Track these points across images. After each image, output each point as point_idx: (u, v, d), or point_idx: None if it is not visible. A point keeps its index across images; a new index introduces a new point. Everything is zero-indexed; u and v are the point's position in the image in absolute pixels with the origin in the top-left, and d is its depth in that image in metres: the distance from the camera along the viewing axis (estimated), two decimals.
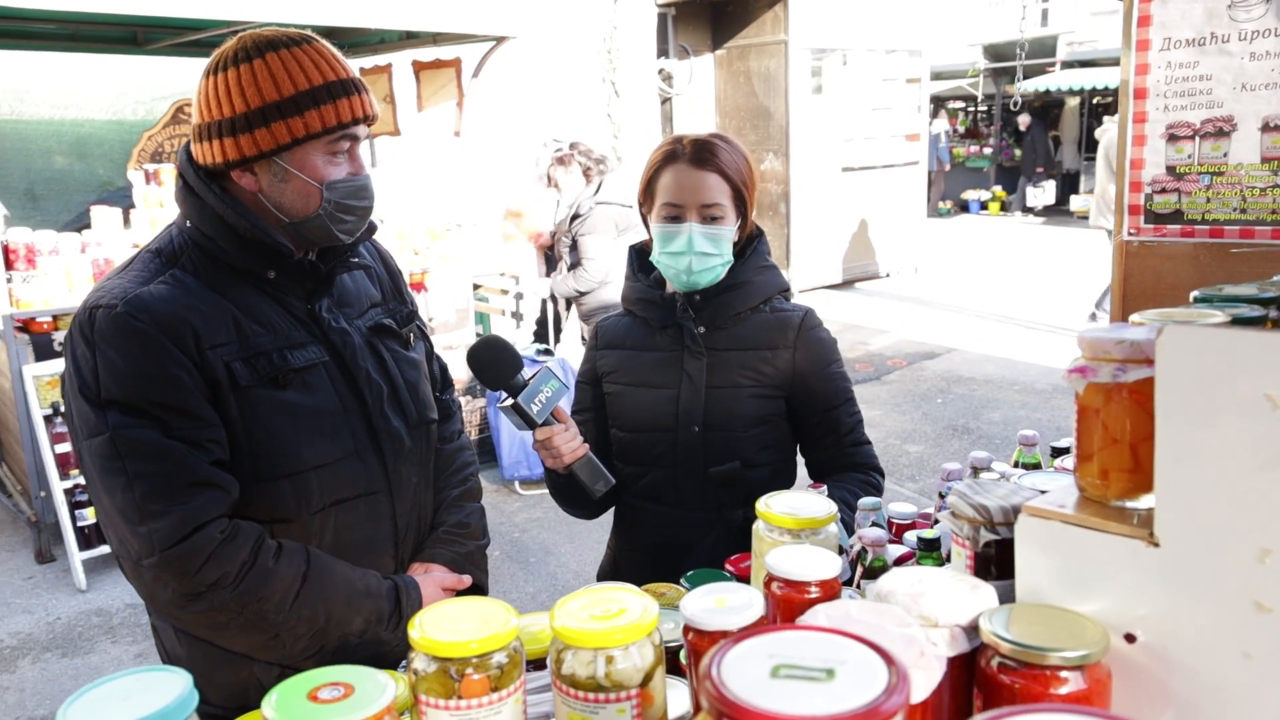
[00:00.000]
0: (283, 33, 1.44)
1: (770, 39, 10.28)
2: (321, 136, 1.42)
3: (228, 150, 1.42)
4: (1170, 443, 0.84)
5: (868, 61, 10.95)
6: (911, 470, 5.71)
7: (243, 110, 1.40)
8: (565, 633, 0.96)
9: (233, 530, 1.39)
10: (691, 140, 1.87)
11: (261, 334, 1.45)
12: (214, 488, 1.38)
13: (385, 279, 1.73)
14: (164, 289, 1.40)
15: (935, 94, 18.43)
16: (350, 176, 1.48)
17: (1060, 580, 0.94)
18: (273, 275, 1.48)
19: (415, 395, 1.64)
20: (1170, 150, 1.81)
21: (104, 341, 1.35)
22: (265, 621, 1.40)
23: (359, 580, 1.50)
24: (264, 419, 1.43)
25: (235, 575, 1.37)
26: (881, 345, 8.64)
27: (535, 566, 4.65)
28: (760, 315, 1.91)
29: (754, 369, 1.88)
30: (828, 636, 0.69)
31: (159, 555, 1.33)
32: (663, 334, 1.94)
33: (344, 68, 1.46)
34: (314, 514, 1.49)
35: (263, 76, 1.39)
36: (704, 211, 1.82)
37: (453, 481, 1.76)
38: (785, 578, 1.12)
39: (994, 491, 1.08)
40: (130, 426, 1.34)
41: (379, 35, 6.56)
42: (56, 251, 5.05)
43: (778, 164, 10.47)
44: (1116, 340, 0.90)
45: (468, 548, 1.72)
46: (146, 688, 0.88)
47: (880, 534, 1.51)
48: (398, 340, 1.66)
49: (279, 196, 1.46)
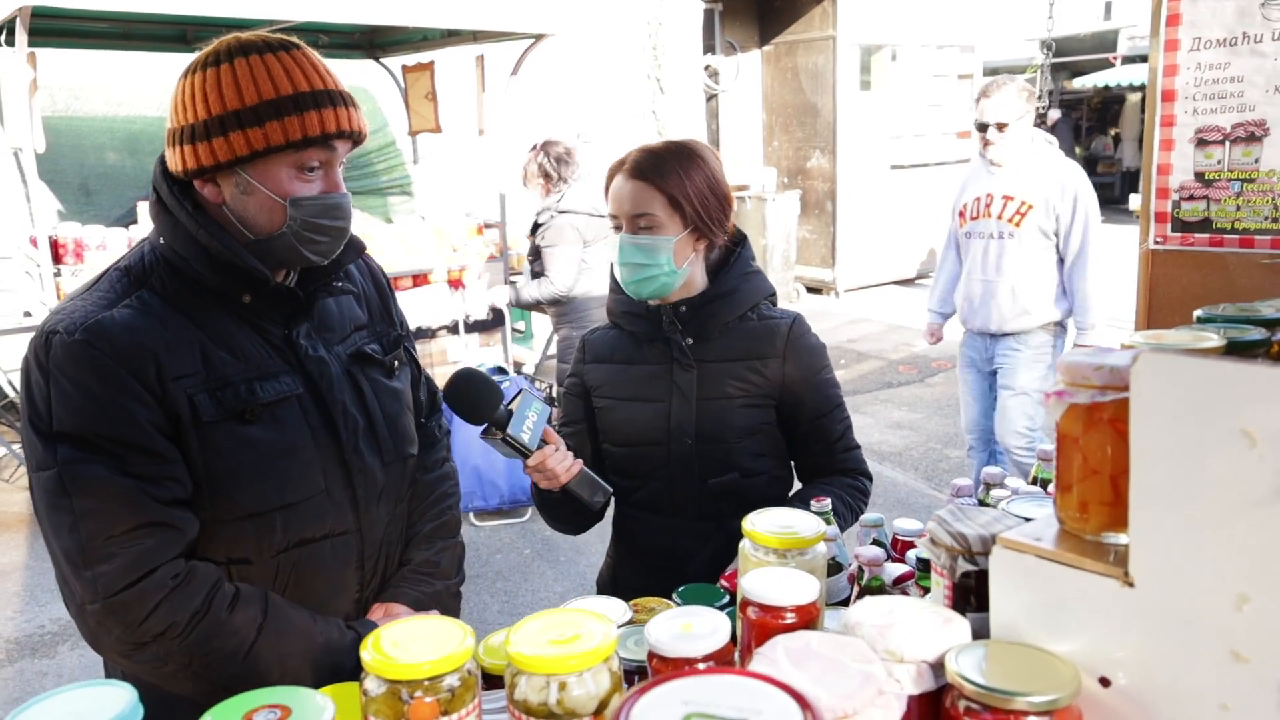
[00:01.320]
0: (262, 37, 1.35)
1: (818, 34, 10.15)
2: (285, 150, 1.32)
3: (187, 158, 1.33)
4: (1145, 478, 0.79)
5: (918, 57, 10.75)
6: (951, 476, 5.59)
7: (204, 117, 1.31)
8: (518, 658, 0.93)
9: (187, 574, 1.29)
10: (640, 150, 1.85)
11: (230, 363, 1.36)
12: (168, 528, 1.28)
13: (374, 299, 1.64)
14: (128, 314, 1.30)
15: None
16: (321, 194, 1.38)
17: (1035, 617, 0.89)
18: (248, 300, 1.38)
19: (394, 429, 1.55)
20: (1199, 155, 1.73)
21: (59, 370, 1.26)
22: (215, 673, 1.31)
23: (319, 633, 1.40)
24: (227, 456, 1.33)
25: (185, 626, 1.28)
26: (926, 347, 8.47)
27: (565, 565, 4.65)
28: (748, 324, 1.89)
29: (743, 379, 1.86)
30: (750, 683, 0.66)
31: (102, 602, 1.24)
32: (650, 347, 1.91)
33: (322, 79, 1.36)
34: (276, 554, 1.40)
35: (227, 82, 1.30)
36: (634, 222, 1.81)
37: (428, 515, 1.67)
38: (760, 602, 1.08)
39: (975, 519, 1.03)
40: (80, 461, 1.24)
41: (421, 33, 6.61)
42: (104, 246, 5.17)
43: (824, 161, 10.35)
44: (1095, 365, 0.85)
45: (434, 588, 1.61)
46: (91, 702, 0.87)
47: (878, 553, 1.47)
48: (380, 369, 1.56)
49: (242, 210, 1.36)
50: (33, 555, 4.80)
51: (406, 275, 5.62)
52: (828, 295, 10.61)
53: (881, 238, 10.72)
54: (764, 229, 9.70)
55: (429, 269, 5.69)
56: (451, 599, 1.67)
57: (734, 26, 10.61)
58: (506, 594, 4.36)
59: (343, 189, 1.42)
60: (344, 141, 1.40)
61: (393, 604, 1.57)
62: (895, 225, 10.81)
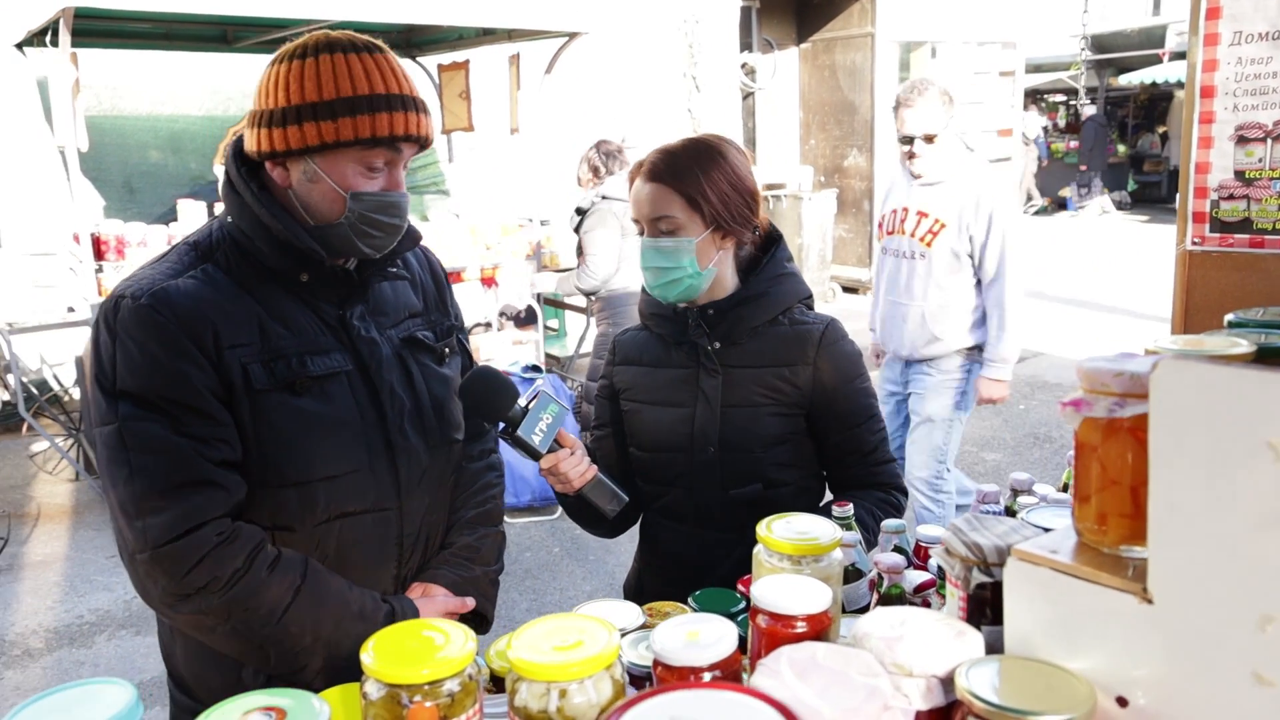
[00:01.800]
0: (350, 37, 1.42)
1: (857, 31, 10.05)
2: (354, 146, 1.39)
3: (263, 140, 1.41)
4: (1164, 490, 0.75)
5: (959, 54, 10.61)
6: (988, 478, 5.51)
7: (284, 105, 1.38)
8: (518, 664, 0.92)
9: (231, 533, 1.36)
10: (657, 151, 1.81)
11: (285, 337, 1.43)
12: (216, 487, 1.36)
13: (430, 289, 1.70)
14: (191, 284, 1.39)
15: (1032, 87, 17.81)
16: (382, 191, 1.44)
17: (1050, 632, 0.86)
18: (305, 279, 1.46)
19: (440, 413, 1.60)
20: (1239, 153, 1.67)
21: (124, 332, 1.35)
22: (251, 631, 1.37)
23: (354, 601, 1.45)
24: (276, 424, 1.41)
25: (226, 581, 1.34)
26: None
27: (594, 565, 4.64)
28: (778, 328, 1.83)
29: (772, 387, 1.80)
30: (743, 699, 0.63)
31: (150, 551, 1.32)
32: (678, 350, 1.87)
33: (399, 83, 1.42)
34: (318, 525, 1.46)
35: (309, 76, 1.38)
36: (655, 225, 1.77)
37: (471, 502, 1.70)
38: (770, 610, 1.06)
39: (992, 528, 1.00)
40: (139, 419, 1.33)
41: (457, 32, 6.64)
42: (144, 243, 5.26)
43: (861, 160, 10.25)
44: (1115, 372, 0.82)
45: (473, 573, 1.65)
46: (91, 700, 0.87)
47: (898, 560, 1.43)
48: (431, 355, 1.62)
49: (305, 196, 1.44)
50: (73, 547, 4.90)
51: None
52: (864, 295, 10.50)
53: None
54: (800, 228, 9.63)
55: (463, 267, 5.71)
56: (489, 585, 1.69)
57: (771, 24, 10.54)
58: (535, 592, 4.36)
59: (403, 189, 1.49)
60: (410, 145, 1.45)
61: (431, 584, 1.61)
62: None
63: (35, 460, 6.00)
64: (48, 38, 4.82)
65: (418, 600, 1.55)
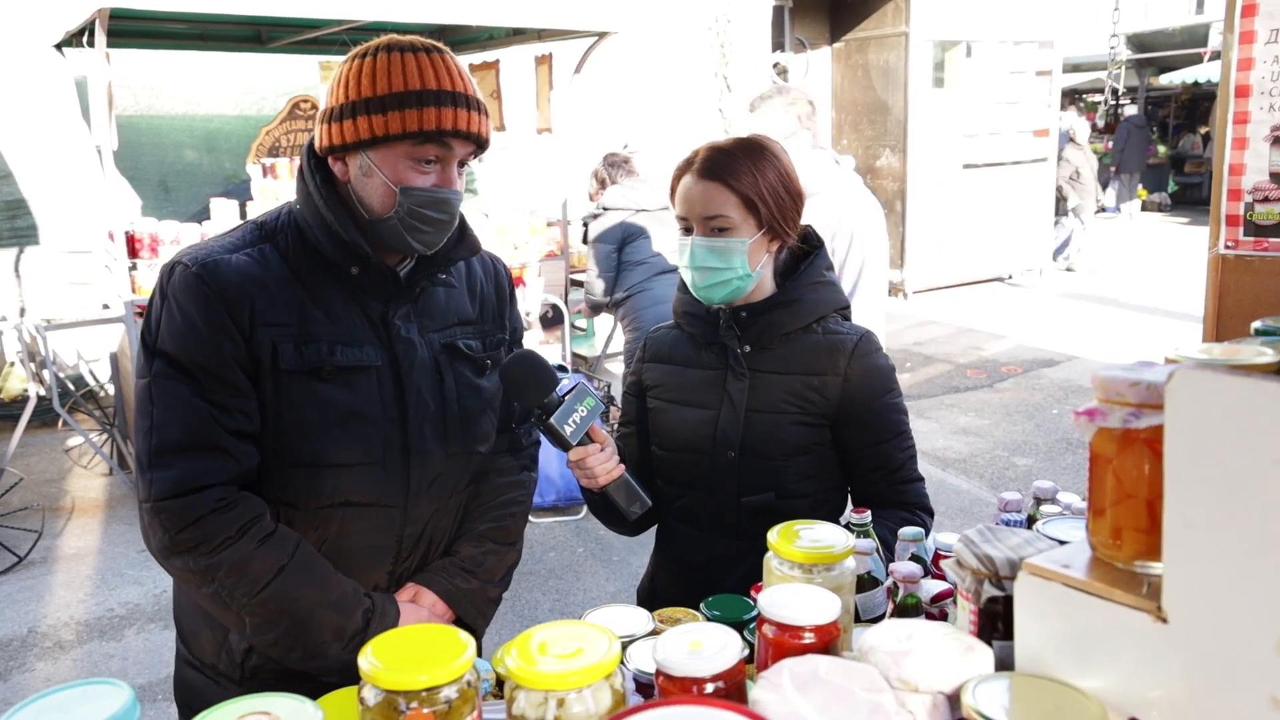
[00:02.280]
0: (413, 40, 1.46)
1: (891, 31, 9.96)
2: (404, 140, 1.42)
3: (324, 135, 1.46)
4: (1180, 505, 0.72)
5: (994, 53, 10.47)
6: (1018, 485, 5.43)
7: (343, 101, 1.43)
8: (516, 672, 0.90)
9: (231, 501, 1.41)
10: (708, 148, 1.78)
11: (323, 323, 1.47)
12: (225, 454, 1.41)
13: (491, 299, 1.70)
14: (245, 260, 1.44)
15: (1071, 87, 17.55)
16: (433, 188, 1.46)
17: (1062, 650, 0.83)
18: (355, 272, 1.49)
19: (465, 422, 1.60)
20: (1275, 155, 1.62)
21: (173, 295, 1.42)
22: (231, 598, 1.41)
23: (335, 590, 1.47)
24: (297, 406, 1.45)
25: (214, 546, 1.38)
26: (997, 351, 8.27)
27: (618, 566, 4.63)
28: (811, 336, 1.79)
29: (799, 395, 1.77)
30: (727, 716, 0.61)
31: (153, 503, 1.38)
32: (708, 351, 1.84)
33: (453, 81, 1.44)
34: (320, 508, 1.49)
35: (368, 73, 1.42)
36: (708, 224, 1.74)
37: (488, 515, 1.69)
38: (777, 620, 1.04)
39: (1005, 540, 0.97)
40: (168, 377, 1.40)
41: (488, 32, 6.65)
42: (178, 241, 5.32)
43: (894, 160, 10.15)
44: (1131, 381, 0.79)
45: (469, 585, 1.63)
46: (88, 701, 0.87)
47: (914, 569, 1.40)
48: (471, 365, 1.63)
49: (361, 190, 1.47)
50: (106, 540, 4.97)
51: None
52: (895, 296, 10.41)
53: (953, 238, 10.47)
54: None
55: None
56: (486, 603, 1.67)
57: (804, 23, 10.47)
58: (559, 592, 4.36)
59: (455, 186, 1.50)
60: (463, 142, 1.46)
61: (421, 588, 1.61)
62: (967, 226, 10.54)
63: (70, 455, 6.09)
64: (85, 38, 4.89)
65: (405, 604, 1.56)
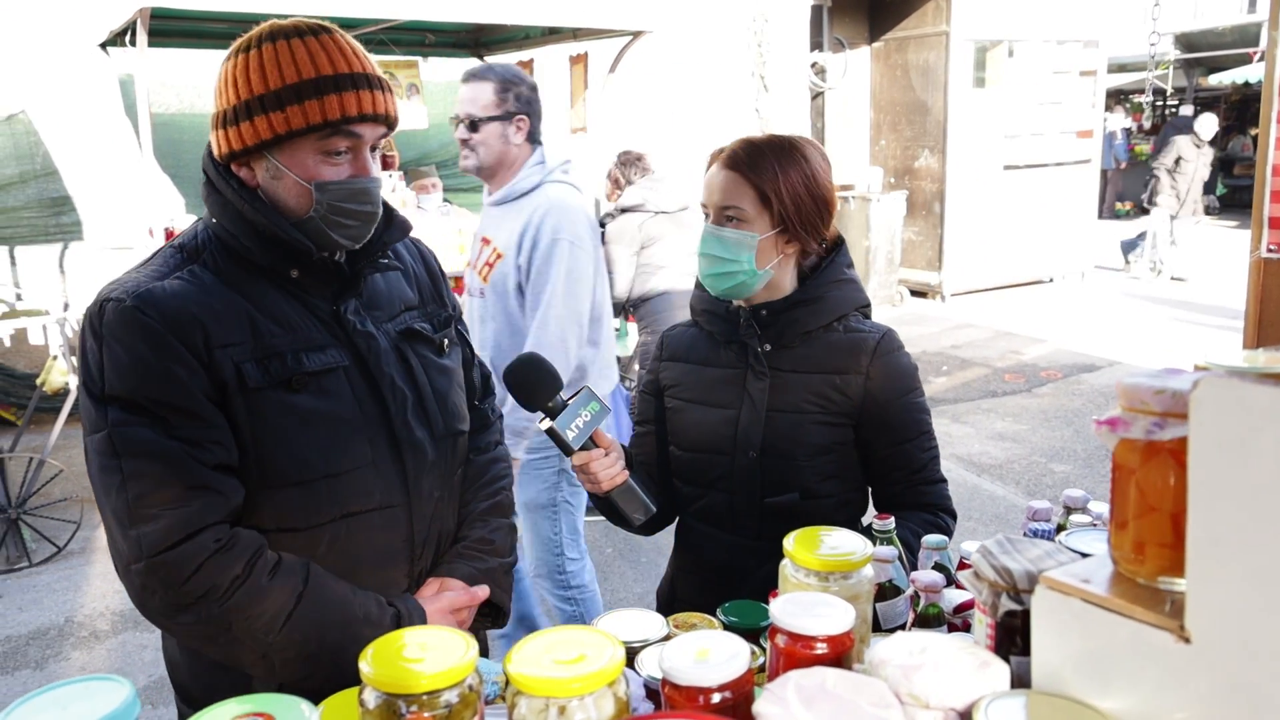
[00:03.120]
0: (296, 23, 1.36)
1: (931, 30, 9.84)
2: (308, 133, 1.33)
3: (222, 142, 1.36)
4: (1204, 519, 0.69)
5: (1037, 53, 10.30)
6: (1055, 492, 5.33)
7: (234, 102, 1.33)
8: (517, 678, 0.89)
9: (229, 540, 1.31)
10: (741, 140, 1.76)
11: (278, 334, 1.38)
12: (212, 492, 1.31)
13: (425, 280, 1.66)
14: (178, 285, 1.34)
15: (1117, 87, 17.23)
16: (348, 179, 1.39)
17: (1081, 668, 0.80)
18: (295, 274, 1.41)
19: (443, 404, 1.56)
20: None
21: (110, 335, 1.30)
22: (254, 640, 1.32)
23: (358, 606, 1.40)
24: (273, 423, 1.36)
25: (225, 589, 1.29)
26: (1036, 355, 8.13)
27: (646, 566, 4.61)
28: (833, 335, 1.77)
29: (820, 394, 1.74)
30: None
31: (146, 561, 1.27)
32: (727, 349, 1.82)
33: (349, 62, 1.35)
34: (323, 525, 1.41)
35: (255, 67, 1.32)
36: (722, 213, 1.73)
37: (481, 495, 1.66)
38: (789, 629, 1.01)
39: (1025, 552, 0.94)
40: (129, 424, 1.28)
41: (523, 31, 6.66)
42: None
43: (933, 161, 10.03)
44: (1156, 389, 0.75)
45: (489, 564, 1.60)
46: (88, 696, 0.87)
47: (936, 578, 1.37)
48: (430, 346, 1.57)
49: (274, 194, 1.39)
50: None
51: None
52: (933, 299, 10.29)
53: (992, 240, 10.32)
54: (868, 230, 9.47)
55: None
56: (504, 576, 1.65)
57: (843, 23, 10.38)
58: None
59: (371, 173, 1.43)
60: (372, 125, 1.39)
61: (448, 579, 1.57)
62: (1007, 228, 10.39)
63: None
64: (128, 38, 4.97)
65: (426, 600, 1.50)
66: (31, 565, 4.61)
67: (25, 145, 6.84)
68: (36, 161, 6.84)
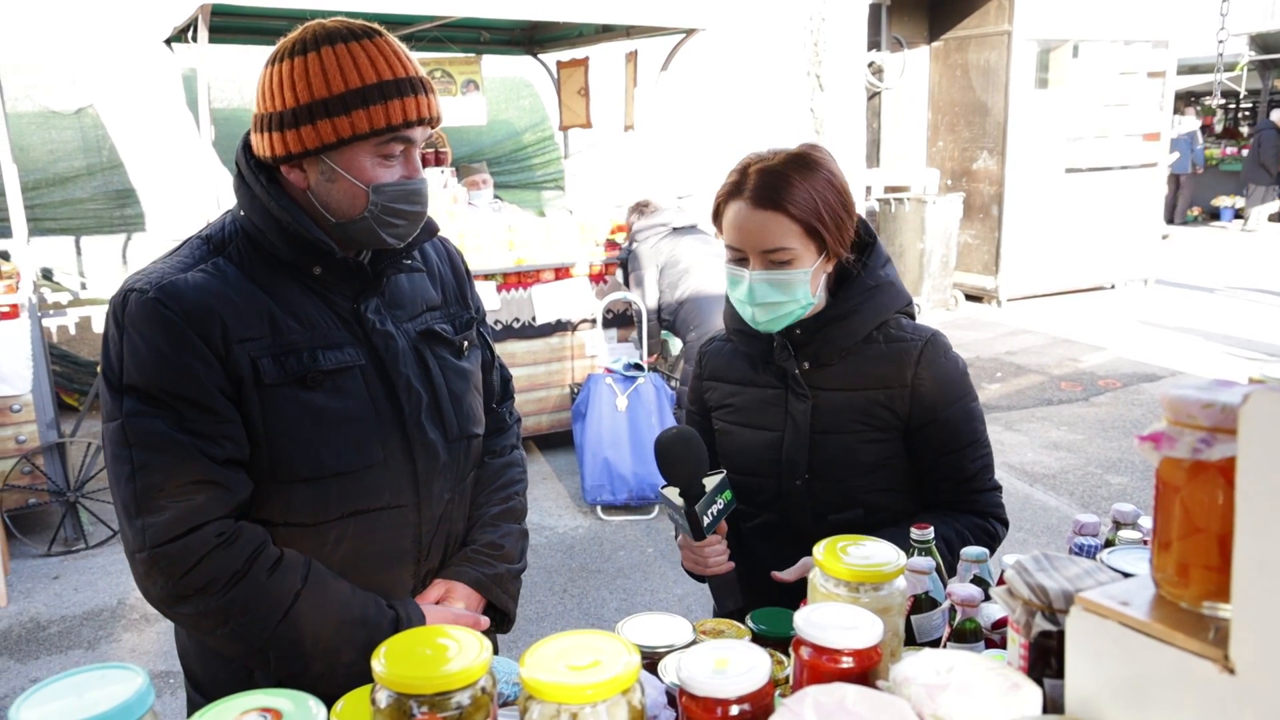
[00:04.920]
0: (345, 25, 1.37)
1: (993, 29, 9.63)
2: (369, 138, 1.36)
3: (275, 145, 1.37)
4: (1253, 543, 0.64)
5: (1103, 53, 10.03)
6: (1109, 505, 5.17)
7: (292, 105, 1.34)
8: (530, 683, 0.87)
9: (232, 534, 1.33)
10: (758, 170, 1.62)
11: (296, 331, 1.39)
12: (219, 487, 1.33)
13: (450, 281, 1.65)
14: (201, 277, 1.36)
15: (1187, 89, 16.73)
16: (401, 180, 1.41)
17: (1118, 695, 0.75)
18: (318, 271, 1.42)
19: (458, 407, 1.56)
20: None
21: (132, 326, 1.32)
22: (250, 634, 1.33)
23: (356, 607, 1.40)
24: (286, 419, 1.37)
25: (225, 583, 1.31)
26: (1094, 363, 7.92)
27: None
28: (873, 347, 1.69)
29: (867, 412, 1.68)
30: None
31: (149, 551, 1.29)
32: (765, 369, 1.76)
33: (404, 66, 1.37)
34: (331, 522, 1.42)
35: (314, 72, 1.33)
36: (767, 257, 1.61)
37: (494, 499, 1.66)
38: (814, 642, 0.98)
39: (1063, 570, 0.89)
40: (142, 415, 1.30)
41: (577, 29, 6.67)
42: None
43: (992, 163, 9.82)
44: (1204, 403, 0.70)
45: (497, 570, 1.60)
46: (103, 684, 0.87)
47: (973, 592, 1.32)
48: (449, 348, 1.58)
49: (326, 196, 1.40)
50: None
51: (549, 268, 5.67)
52: (989, 304, 10.08)
53: (1051, 245, 10.07)
54: (922, 232, 9.31)
55: (572, 262, 5.73)
56: (512, 583, 1.65)
57: (902, 21, 10.22)
58: (625, 592, 4.33)
59: (421, 174, 1.46)
60: (422, 128, 1.42)
61: (453, 582, 1.57)
62: (1067, 232, 10.13)
63: None
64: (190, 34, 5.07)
65: (429, 609, 1.50)
66: (88, 547, 4.73)
67: (93, 139, 7.03)
68: (103, 154, 7.03)
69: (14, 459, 4.58)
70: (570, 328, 5.77)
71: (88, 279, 6.94)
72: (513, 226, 5.73)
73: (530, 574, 4.37)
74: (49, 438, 4.65)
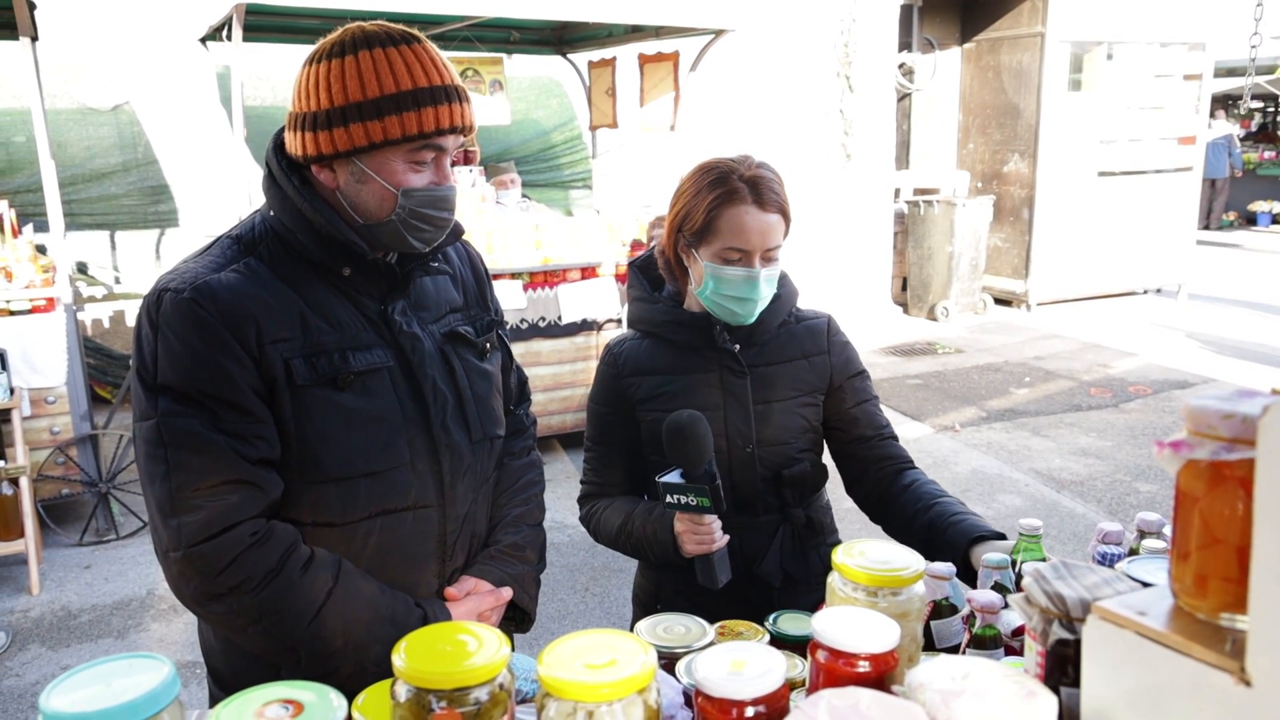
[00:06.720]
0: (385, 29, 1.37)
1: (1025, 31, 9.54)
2: (401, 144, 1.37)
3: (307, 145, 1.38)
4: (1271, 554, 0.64)
5: (1138, 55, 9.90)
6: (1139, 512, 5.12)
7: (326, 107, 1.35)
8: (547, 681, 0.88)
9: (265, 533, 1.34)
10: (753, 176, 1.78)
11: (327, 332, 1.41)
12: (252, 487, 1.34)
13: (470, 283, 1.68)
14: (234, 278, 1.37)
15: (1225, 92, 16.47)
16: (431, 186, 1.42)
17: (1132, 705, 0.75)
18: (348, 273, 1.44)
19: (482, 408, 1.58)
20: None
21: (166, 326, 1.33)
22: (282, 633, 1.35)
23: (386, 605, 1.42)
24: (318, 420, 1.39)
25: (258, 582, 1.32)
26: (1125, 369, 7.83)
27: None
28: (789, 327, 1.93)
29: (798, 379, 1.90)
30: None
31: (184, 550, 1.30)
32: (693, 355, 1.88)
33: (440, 74, 1.38)
34: (358, 521, 1.44)
35: (350, 75, 1.34)
36: (767, 255, 1.79)
37: (515, 500, 1.69)
38: (830, 646, 0.99)
39: (1081, 578, 0.89)
40: (178, 415, 1.31)
41: (606, 29, 6.69)
42: None
43: (1023, 166, 9.73)
44: (1225, 413, 0.70)
45: (519, 570, 1.63)
46: (131, 673, 0.89)
47: (993, 599, 1.32)
48: (472, 350, 1.60)
49: (355, 197, 1.41)
50: None
51: (575, 267, 5.69)
52: (1018, 308, 9.98)
53: (1083, 249, 9.96)
54: (951, 235, 9.24)
55: (598, 262, 5.74)
56: (532, 583, 1.67)
57: (934, 23, 10.15)
58: None
59: (450, 181, 1.46)
60: (455, 136, 1.43)
61: (479, 580, 1.59)
62: (1099, 236, 10.01)
63: None
64: (224, 32, 5.13)
65: (454, 606, 1.52)
66: (119, 538, 4.80)
67: (129, 135, 7.15)
68: (138, 151, 7.14)
69: (48, 450, 4.66)
70: (595, 327, 5.79)
71: (122, 273, 7.05)
72: (540, 226, 5.76)
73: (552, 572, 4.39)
74: (82, 429, 4.74)
